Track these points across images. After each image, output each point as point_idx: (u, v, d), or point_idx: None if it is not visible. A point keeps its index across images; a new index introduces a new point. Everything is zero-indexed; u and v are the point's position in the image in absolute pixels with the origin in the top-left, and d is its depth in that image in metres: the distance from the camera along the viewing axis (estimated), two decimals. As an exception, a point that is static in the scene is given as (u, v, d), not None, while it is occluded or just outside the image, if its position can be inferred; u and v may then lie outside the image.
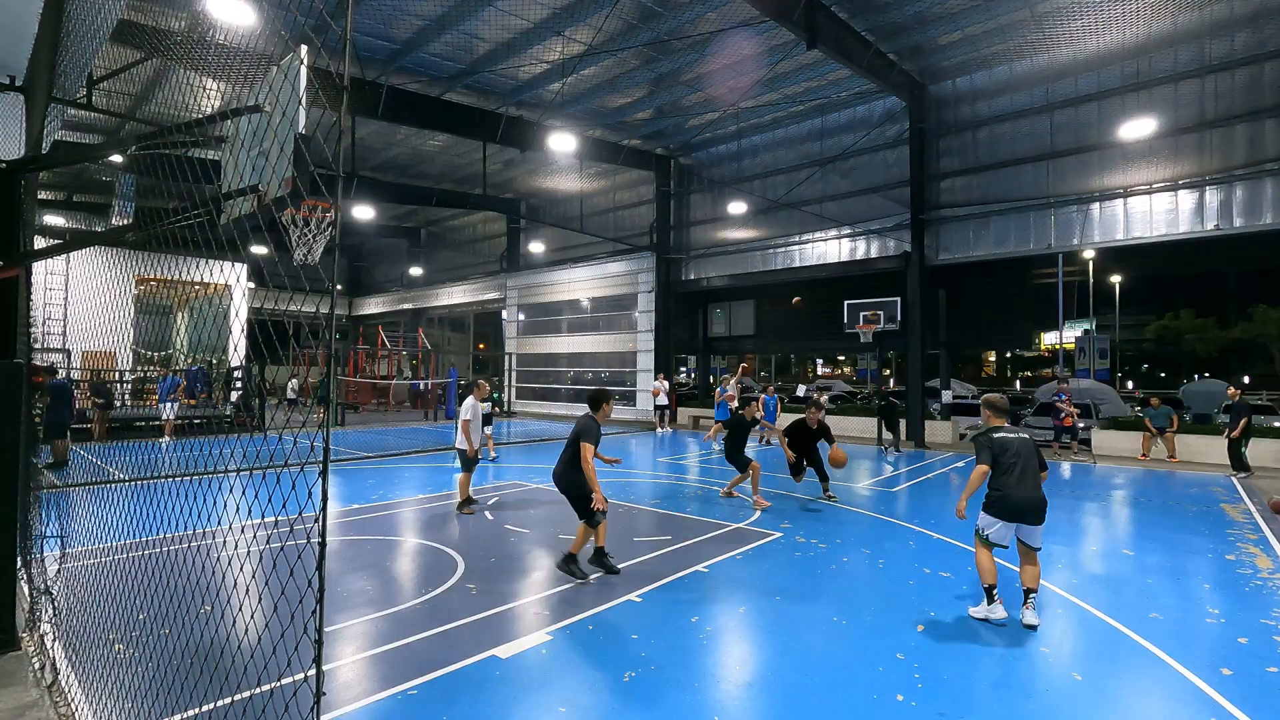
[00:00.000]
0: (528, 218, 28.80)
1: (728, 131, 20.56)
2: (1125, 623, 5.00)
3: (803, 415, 9.54)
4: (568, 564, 6.00)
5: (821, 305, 22.29)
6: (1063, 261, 25.03)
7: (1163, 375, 49.09)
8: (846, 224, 18.90)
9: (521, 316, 27.94)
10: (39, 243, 5.97)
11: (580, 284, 25.33)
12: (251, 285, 20.00)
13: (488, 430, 13.21)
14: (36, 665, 3.91)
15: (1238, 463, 12.12)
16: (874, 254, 18.52)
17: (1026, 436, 5.19)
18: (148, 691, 3.49)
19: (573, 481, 5.94)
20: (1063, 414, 15.07)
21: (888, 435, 15.85)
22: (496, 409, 12.86)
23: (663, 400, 19.87)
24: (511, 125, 18.19)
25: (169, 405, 15.02)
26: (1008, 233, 16.39)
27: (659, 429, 19.69)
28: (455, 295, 31.76)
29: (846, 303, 17.90)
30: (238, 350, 18.60)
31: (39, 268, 12.82)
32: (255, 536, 6.41)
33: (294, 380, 23.37)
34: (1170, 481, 11.64)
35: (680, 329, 25.30)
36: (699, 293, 23.84)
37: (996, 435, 5.18)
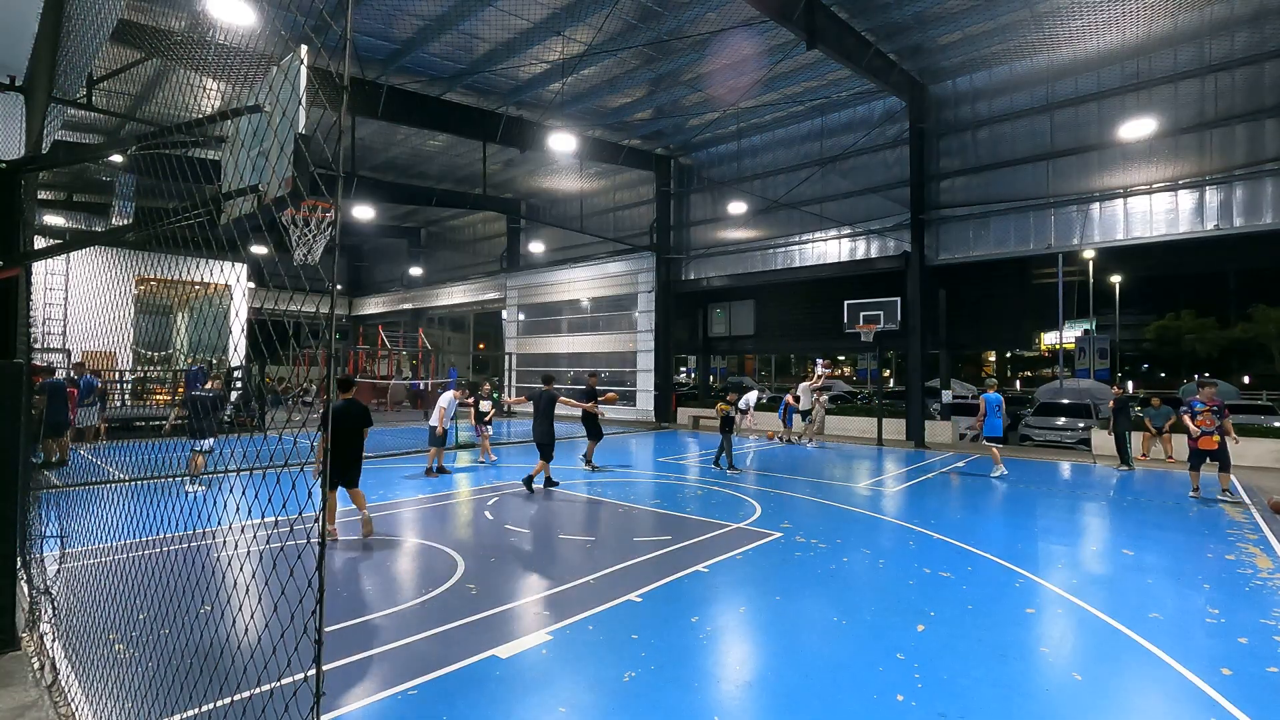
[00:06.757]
0: (528, 218, 28.79)
1: (728, 131, 20.55)
2: (1125, 623, 4.99)
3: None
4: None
5: (821, 305, 22.26)
6: (1063, 261, 25.02)
7: (1163, 375, 49.02)
8: (846, 224, 18.89)
9: (521, 316, 27.93)
10: (39, 243, 5.97)
11: (580, 284, 25.32)
12: (251, 285, 19.97)
13: (488, 430, 13.27)
14: (36, 665, 3.91)
15: (1125, 457, 12.94)
16: (874, 254, 18.51)
17: None
18: (148, 691, 3.49)
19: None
20: (1196, 434, 9.71)
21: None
22: (495, 410, 12.88)
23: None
24: (511, 125, 18.19)
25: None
26: (1008, 233, 16.39)
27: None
28: (455, 295, 31.76)
29: (846, 303, 17.89)
30: (238, 350, 18.58)
31: (39, 268, 12.81)
32: (255, 536, 6.41)
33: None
34: (1170, 481, 11.63)
35: (680, 329, 25.28)
36: (699, 293, 23.83)
37: None
